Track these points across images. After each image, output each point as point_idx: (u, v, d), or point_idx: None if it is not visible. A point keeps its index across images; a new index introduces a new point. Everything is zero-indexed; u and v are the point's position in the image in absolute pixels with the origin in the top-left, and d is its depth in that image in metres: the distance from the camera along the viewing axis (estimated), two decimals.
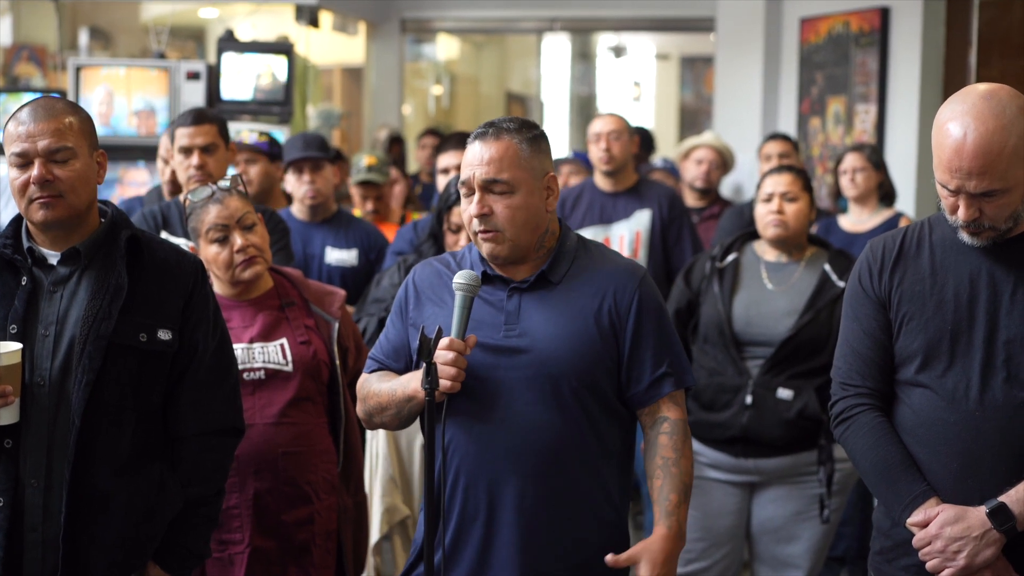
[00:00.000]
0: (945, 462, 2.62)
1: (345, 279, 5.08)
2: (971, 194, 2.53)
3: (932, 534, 2.58)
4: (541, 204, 2.76)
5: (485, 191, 2.73)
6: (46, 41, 9.63)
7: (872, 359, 2.74)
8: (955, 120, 2.53)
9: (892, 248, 2.75)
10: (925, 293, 2.67)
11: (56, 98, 2.87)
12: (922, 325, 2.67)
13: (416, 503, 4.08)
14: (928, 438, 2.65)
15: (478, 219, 2.73)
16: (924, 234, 2.74)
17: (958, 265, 2.66)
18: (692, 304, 4.29)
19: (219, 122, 4.48)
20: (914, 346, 2.67)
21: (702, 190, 6.53)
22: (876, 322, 2.74)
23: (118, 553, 2.78)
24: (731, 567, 4.30)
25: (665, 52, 14.39)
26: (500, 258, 2.76)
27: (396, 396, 2.76)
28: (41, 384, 2.72)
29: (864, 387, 2.74)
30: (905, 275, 2.71)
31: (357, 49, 10.94)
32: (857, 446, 2.73)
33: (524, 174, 2.74)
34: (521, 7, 10.33)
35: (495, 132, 2.76)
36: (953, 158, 2.52)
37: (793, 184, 4.22)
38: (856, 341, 2.77)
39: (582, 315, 2.75)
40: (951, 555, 2.56)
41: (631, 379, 2.78)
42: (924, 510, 2.61)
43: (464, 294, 2.66)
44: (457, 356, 2.64)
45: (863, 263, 2.79)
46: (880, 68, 7.02)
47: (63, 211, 2.74)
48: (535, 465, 2.69)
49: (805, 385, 4.07)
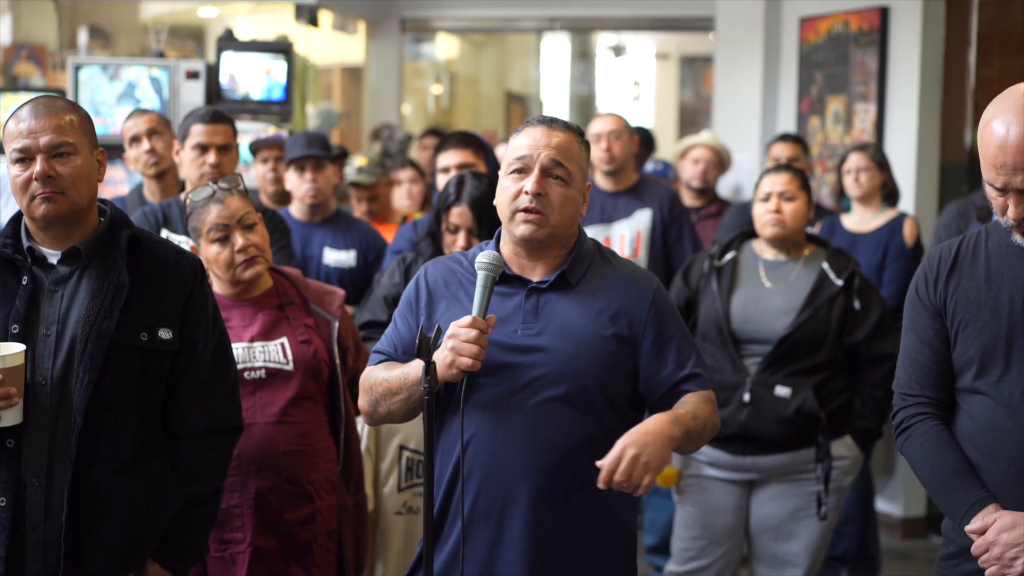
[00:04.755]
0: (1004, 468, 2.61)
1: (343, 280, 5.08)
2: (1019, 190, 2.53)
3: (989, 540, 2.57)
4: (580, 206, 2.80)
5: (545, 174, 2.74)
6: (45, 40, 9.62)
7: (930, 368, 2.73)
8: (998, 118, 2.53)
9: (948, 256, 2.74)
10: (980, 299, 2.66)
11: (56, 96, 2.87)
12: (977, 331, 2.66)
13: (382, 499, 4.05)
14: (986, 445, 2.64)
15: (532, 196, 2.72)
16: (980, 241, 2.73)
17: (1013, 270, 2.65)
18: (690, 302, 4.31)
19: (232, 122, 4.55)
20: (970, 353, 2.67)
21: (699, 190, 6.53)
22: (933, 331, 2.73)
23: (119, 552, 2.78)
24: (730, 565, 4.30)
25: (665, 52, 14.38)
26: (535, 241, 2.76)
27: (408, 379, 2.73)
28: (43, 384, 2.72)
29: (923, 396, 2.74)
30: (961, 282, 2.70)
31: (357, 48, 10.94)
32: (916, 455, 2.73)
33: (579, 172, 2.78)
34: (521, 6, 10.32)
35: (562, 124, 2.79)
36: (998, 155, 2.52)
37: (791, 183, 4.23)
38: (914, 351, 2.76)
39: (599, 317, 2.75)
40: (1008, 561, 2.55)
41: (656, 383, 2.78)
42: (982, 517, 2.60)
43: (487, 273, 2.67)
44: (479, 334, 2.63)
45: (920, 273, 2.79)
46: (879, 67, 7.01)
47: (65, 207, 2.74)
48: (548, 463, 2.70)
49: (803, 382, 4.08)
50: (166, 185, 4.87)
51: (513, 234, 2.78)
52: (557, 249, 2.80)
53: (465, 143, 4.76)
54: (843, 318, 4.14)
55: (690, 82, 14.19)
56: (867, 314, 4.15)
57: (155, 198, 4.83)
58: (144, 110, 5.13)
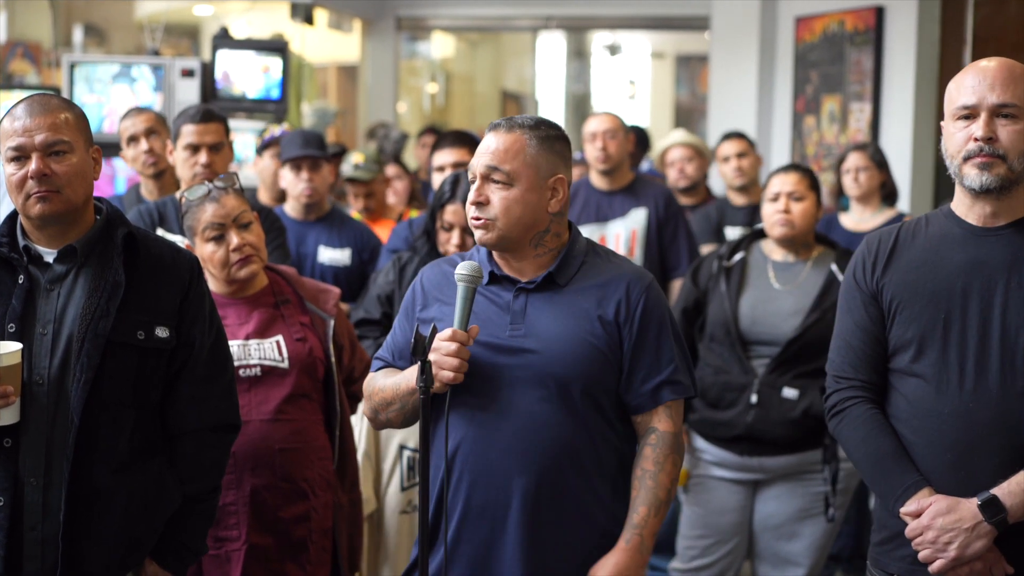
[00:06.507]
0: (939, 452, 2.63)
1: (338, 278, 5.08)
2: (992, 108, 2.58)
3: (924, 524, 2.60)
4: (541, 203, 2.75)
5: (485, 180, 2.74)
6: (40, 38, 9.61)
7: (864, 352, 2.75)
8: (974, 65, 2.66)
9: (888, 241, 2.77)
10: (918, 283, 2.68)
11: (51, 94, 2.87)
12: (915, 314, 2.68)
13: (384, 498, 4.06)
14: (922, 428, 2.66)
15: (474, 206, 2.74)
16: (920, 227, 2.76)
17: (952, 254, 2.67)
18: (699, 303, 4.29)
19: (224, 120, 4.52)
20: (907, 335, 2.68)
21: (685, 188, 6.52)
22: (868, 314, 2.75)
23: (117, 551, 2.78)
24: (733, 564, 4.30)
25: (660, 50, 14.39)
26: (490, 246, 2.77)
27: (400, 390, 2.77)
28: (40, 383, 2.71)
29: (857, 380, 2.75)
30: (899, 266, 2.72)
31: (352, 47, 10.94)
32: (850, 438, 2.75)
33: (527, 169, 2.74)
34: (516, 5, 10.33)
35: (507, 125, 2.77)
36: (975, 76, 2.61)
37: (800, 183, 4.21)
38: (848, 334, 2.78)
39: (587, 318, 2.75)
40: (942, 546, 2.58)
41: (631, 385, 2.78)
42: (917, 500, 2.62)
43: (466, 285, 2.67)
44: (460, 347, 2.64)
45: (857, 257, 2.81)
46: (875, 66, 7.03)
47: (61, 205, 2.74)
48: (541, 463, 2.70)
49: (810, 385, 4.06)
50: (164, 184, 4.87)
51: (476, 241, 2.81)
52: (538, 249, 2.79)
53: (461, 142, 4.77)
54: None
55: (686, 81, 14.20)
56: None
57: (153, 197, 4.83)
58: (141, 109, 5.08)
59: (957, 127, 2.65)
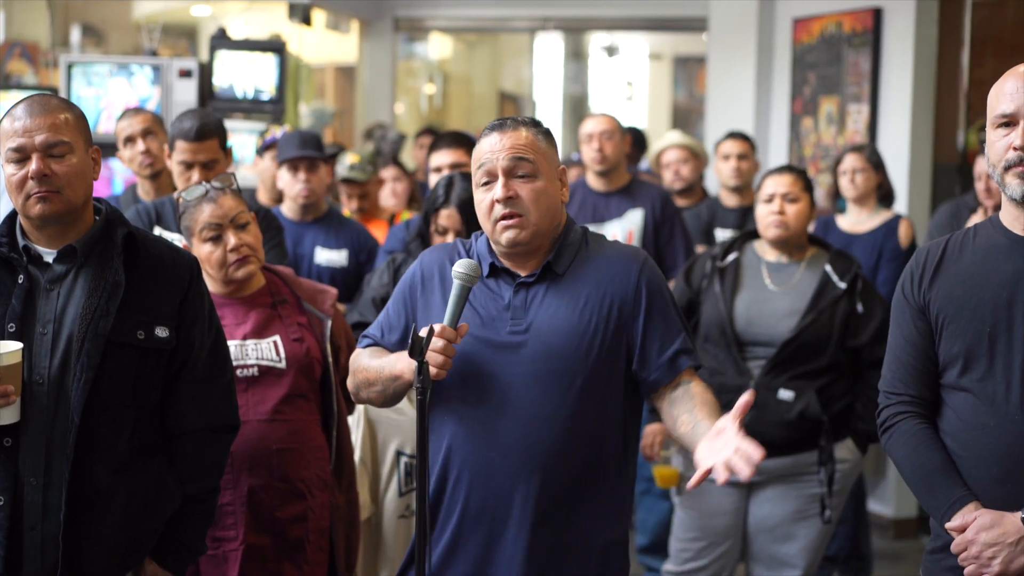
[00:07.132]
0: (986, 466, 2.61)
1: (334, 279, 5.08)
2: None
3: (968, 539, 2.58)
4: (558, 194, 2.80)
5: (509, 176, 2.74)
6: (38, 38, 9.60)
7: (914, 366, 2.74)
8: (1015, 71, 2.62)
9: (935, 253, 2.75)
10: (964, 297, 2.66)
11: (51, 95, 2.87)
12: (960, 329, 2.66)
13: (383, 503, 4.05)
14: (969, 442, 2.64)
15: (503, 203, 2.72)
16: (968, 239, 2.73)
17: (998, 265, 2.65)
18: (692, 303, 4.29)
19: (220, 134, 4.42)
20: (955, 350, 2.67)
21: (681, 190, 6.52)
22: (916, 329, 2.73)
23: (117, 550, 2.78)
24: (727, 566, 4.30)
25: (658, 52, 14.39)
26: (521, 244, 2.75)
27: (383, 374, 2.79)
28: (40, 382, 2.72)
29: (907, 395, 2.74)
30: (945, 279, 2.70)
31: (350, 47, 10.94)
32: (899, 453, 2.74)
33: (544, 162, 2.77)
34: (514, 6, 10.33)
35: (512, 124, 2.79)
36: (1014, 82, 2.57)
37: (794, 185, 4.22)
38: (898, 349, 2.77)
39: (588, 306, 2.75)
40: (986, 561, 2.56)
41: (647, 360, 2.77)
42: (962, 515, 2.60)
43: (462, 283, 2.66)
44: (446, 344, 2.63)
45: (907, 271, 2.79)
46: (873, 68, 7.03)
47: (61, 206, 2.74)
48: (544, 461, 2.70)
49: (806, 386, 4.06)
50: (160, 185, 4.86)
51: (499, 243, 2.78)
52: (549, 241, 2.80)
53: (458, 143, 4.76)
54: (846, 321, 4.12)
55: (683, 82, 14.21)
56: (870, 317, 4.13)
57: (150, 198, 4.82)
58: (138, 109, 5.08)
59: (997, 135, 2.62)
